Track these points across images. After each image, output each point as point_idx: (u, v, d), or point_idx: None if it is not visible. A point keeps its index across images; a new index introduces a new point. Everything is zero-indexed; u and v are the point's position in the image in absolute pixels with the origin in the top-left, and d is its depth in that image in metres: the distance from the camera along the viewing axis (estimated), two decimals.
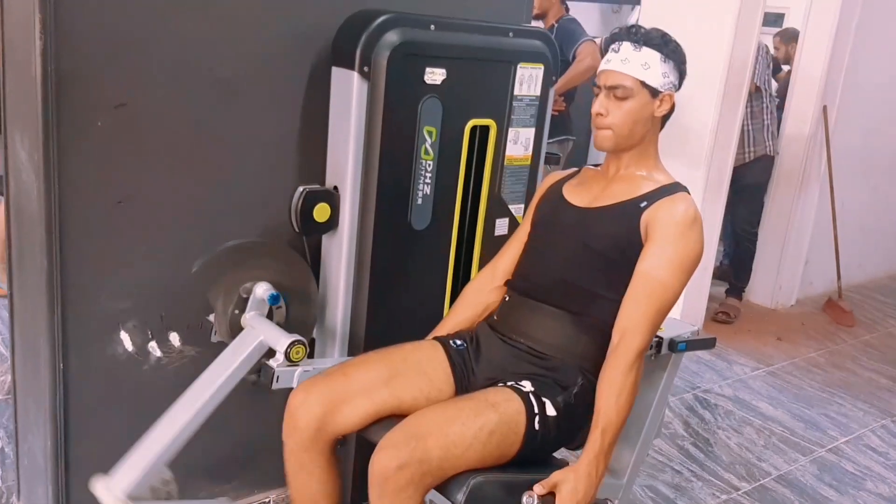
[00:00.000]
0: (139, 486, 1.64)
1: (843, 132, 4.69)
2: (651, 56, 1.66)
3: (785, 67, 5.18)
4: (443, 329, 1.87)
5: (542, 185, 1.91)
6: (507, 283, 1.84)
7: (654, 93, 1.67)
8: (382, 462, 1.45)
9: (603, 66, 1.70)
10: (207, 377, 1.75)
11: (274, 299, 1.83)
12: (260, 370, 1.82)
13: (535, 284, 1.77)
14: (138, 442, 1.68)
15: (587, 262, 1.71)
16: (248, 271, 1.86)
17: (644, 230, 1.65)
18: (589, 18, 7.28)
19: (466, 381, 1.73)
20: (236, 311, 1.83)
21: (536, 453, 1.66)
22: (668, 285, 1.61)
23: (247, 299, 1.83)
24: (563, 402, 1.64)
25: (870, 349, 4.30)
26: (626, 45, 1.67)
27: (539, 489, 1.50)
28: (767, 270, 4.78)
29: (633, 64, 1.65)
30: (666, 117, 1.75)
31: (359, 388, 1.64)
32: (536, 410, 1.60)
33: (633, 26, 1.69)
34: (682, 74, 1.72)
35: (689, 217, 1.64)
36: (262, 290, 1.83)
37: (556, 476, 1.51)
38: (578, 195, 1.78)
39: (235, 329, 1.83)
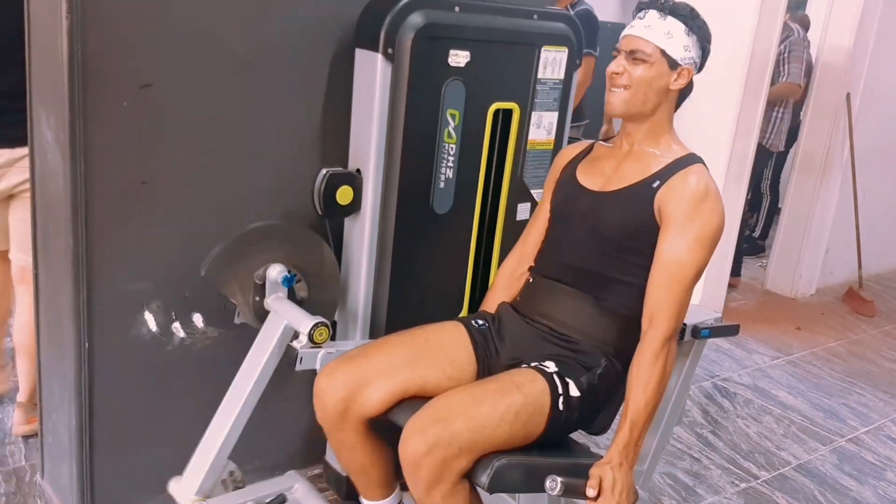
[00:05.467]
0: (208, 483, 1.76)
1: (866, 120, 4.63)
2: (675, 26, 1.63)
3: None
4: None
5: (557, 163, 1.89)
6: (529, 267, 1.84)
7: (673, 64, 1.64)
8: (411, 448, 1.46)
9: (626, 31, 1.68)
10: (247, 369, 1.80)
11: (288, 280, 1.84)
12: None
13: (556, 269, 1.76)
14: (200, 443, 1.80)
15: (603, 249, 1.70)
16: (256, 257, 1.85)
17: (658, 212, 1.63)
18: (609, 3, 7.23)
19: (489, 360, 1.73)
20: (257, 298, 1.84)
21: (559, 434, 1.66)
22: (688, 264, 1.59)
23: (263, 284, 1.84)
24: (587, 383, 1.64)
25: (890, 339, 4.26)
26: (653, 13, 1.64)
27: (591, 492, 1.48)
28: (787, 259, 4.75)
29: (656, 31, 1.62)
30: (683, 95, 1.71)
31: (381, 370, 1.64)
32: (560, 391, 1.60)
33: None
34: (704, 53, 1.68)
35: (700, 190, 1.61)
36: (275, 272, 1.84)
37: (594, 473, 1.50)
38: (592, 177, 1.76)
39: (261, 314, 1.84)
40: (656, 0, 1.65)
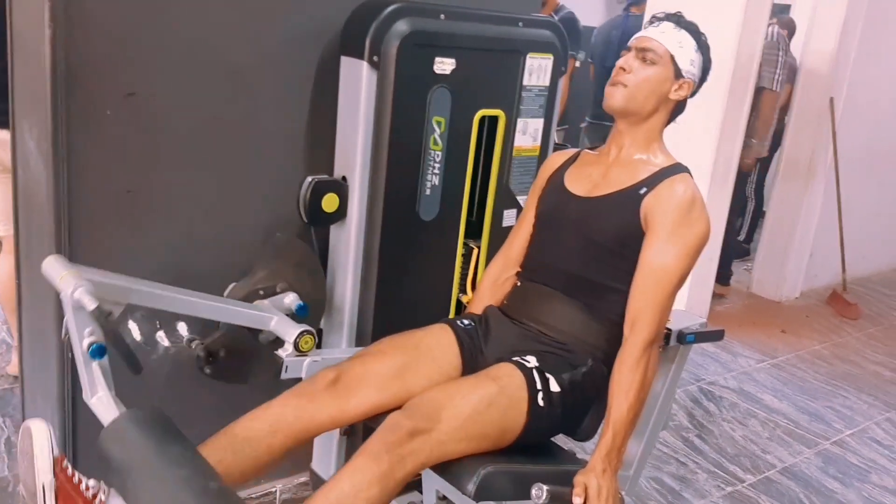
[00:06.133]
0: (99, 283, 1.47)
1: (850, 124, 4.67)
2: (687, 39, 1.70)
3: None
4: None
5: (544, 170, 1.91)
6: (516, 272, 1.84)
7: (678, 73, 1.69)
8: (398, 419, 1.46)
9: (638, 34, 1.74)
10: (212, 299, 1.74)
11: (302, 310, 1.86)
12: (213, 357, 1.81)
13: (545, 274, 1.77)
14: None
15: (592, 255, 1.71)
16: (294, 276, 1.89)
17: (644, 218, 1.65)
18: (595, 6, 7.25)
19: (474, 360, 1.73)
20: (261, 292, 1.84)
21: (543, 433, 1.66)
22: (672, 271, 1.61)
23: (276, 293, 1.85)
24: (570, 380, 1.64)
25: (874, 342, 4.30)
26: (668, 23, 1.71)
27: (577, 501, 1.48)
28: (772, 263, 4.78)
29: (670, 37, 1.69)
30: (677, 108, 1.76)
31: (373, 380, 1.64)
32: (539, 386, 1.60)
33: (677, 12, 1.74)
34: (703, 76, 1.75)
35: (687, 198, 1.63)
36: (289, 299, 1.87)
37: (579, 481, 1.51)
38: (579, 183, 1.78)
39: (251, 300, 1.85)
40: (671, 15, 1.72)
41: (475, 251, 2.16)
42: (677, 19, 1.72)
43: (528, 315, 1.76)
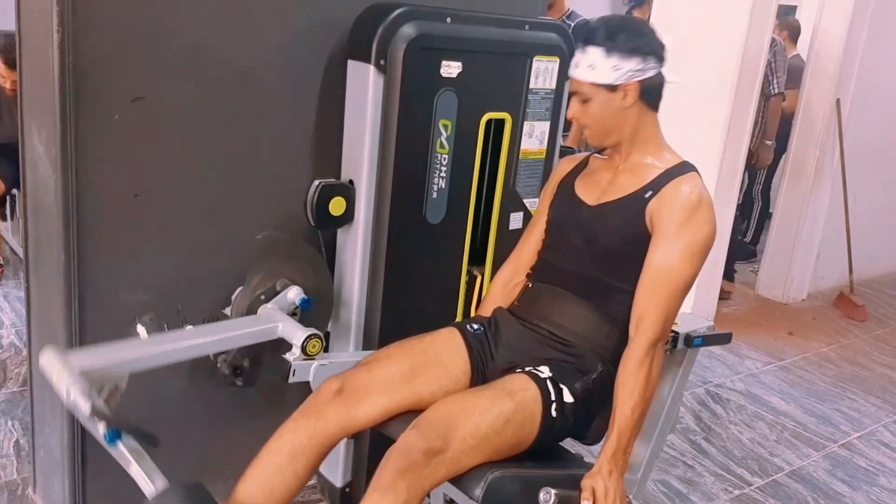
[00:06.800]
0: (96, 370, 1.51)
1: (857, 125, 4.65)
2: (594, 55, 1.63)
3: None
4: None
5: (555, 175, 1.90)
6: (527, 274, 1.84)
7: (612, 88, 1.64)
8: (411, 441, 1.45)
9: (569, 74, 1.72)
10: (211, 327, 1.75)
11: (306, 303, 1.86)
12: (239, 370, 1.82)
13: (556, 276, 1.77)
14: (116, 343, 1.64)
15: (601, 258, 1.71)
16: (291, 267, 1.89)
17: (650, 221, 1.64)
18: (601, 9, 7.25)
19: (484, 365, 1.73)
20: (262, 297, 1.84)
21: (552, 441, 1.66)
22: (678, 271, 1.60)
23: (277, 292, 1.85)
24: (581, 388, 1.64)
25: (882, 344, 4.28)
26: (578, 51, 1.67)
27: None
28: (779, 264, 4.77)
29: (582, 67, 1.65)
30: (652, 95, 1.67)
31: (381, 385, 1.63)
32: (553, 398, 1.59)
33: (584, 25, 1.69)
34: (644, 55, 1.63)
35: (692, 199, 1.62)
36: (293, 293, 1.87)
37: (586, 484, 1.51)
38: (589, 190, 1.78)
39: (251, 312, 1.84)
40: (578, 35, 1.68)
41: (479, 279, 2.16)
42: (584, 40, 1.65)
43: (539, 315, 1.75)
